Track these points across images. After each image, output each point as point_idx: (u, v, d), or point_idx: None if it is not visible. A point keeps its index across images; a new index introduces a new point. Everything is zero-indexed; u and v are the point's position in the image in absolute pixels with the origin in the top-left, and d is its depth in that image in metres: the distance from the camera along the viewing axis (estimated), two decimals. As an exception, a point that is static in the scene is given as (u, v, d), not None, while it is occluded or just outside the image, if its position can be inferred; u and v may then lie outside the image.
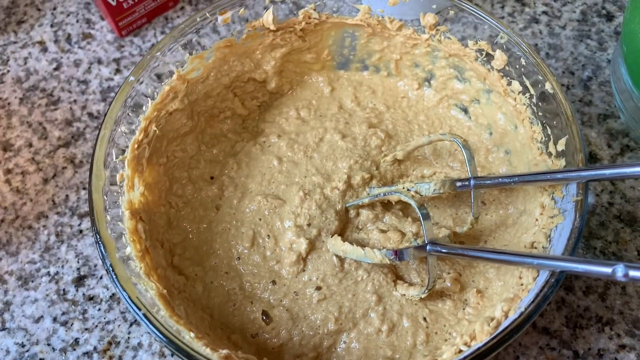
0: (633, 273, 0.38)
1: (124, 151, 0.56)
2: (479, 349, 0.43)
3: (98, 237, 0.48)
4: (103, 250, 0.48)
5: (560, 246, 0.47)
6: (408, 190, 0.58)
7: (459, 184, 0.55)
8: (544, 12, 0.82)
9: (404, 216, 0.61)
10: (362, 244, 0.57)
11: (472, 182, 0.55)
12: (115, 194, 0.53)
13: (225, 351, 0.46)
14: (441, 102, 0.67)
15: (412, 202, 0.55)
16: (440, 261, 0.59)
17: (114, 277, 0.46)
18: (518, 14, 0.82)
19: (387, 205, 0.62)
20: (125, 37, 0.83)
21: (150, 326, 0.45)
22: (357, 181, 0.61)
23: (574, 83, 0.76)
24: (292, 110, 0.68)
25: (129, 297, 0.45)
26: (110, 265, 0.47)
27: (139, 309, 0.45)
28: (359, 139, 0.65)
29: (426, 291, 0.54)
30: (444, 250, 0.52)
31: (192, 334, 0.47)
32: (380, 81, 0.69)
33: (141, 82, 0.58)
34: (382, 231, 0.58)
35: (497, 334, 0.44)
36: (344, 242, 0.56)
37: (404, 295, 0.56)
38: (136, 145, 0.56)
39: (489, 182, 0.54)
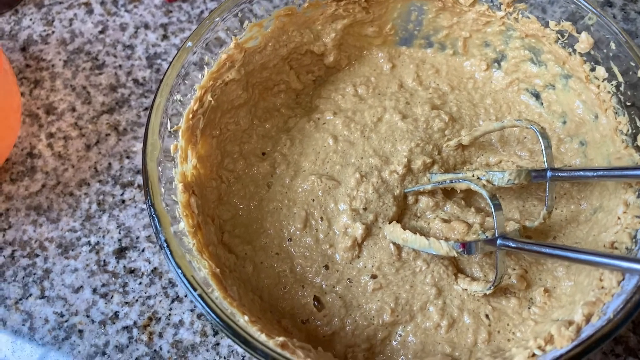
0: None
1: (177, 123, 0.53)
2: (560, 356, 0.40)
3: (153, 210, 0.45)
4: (158, 225, 0.45)
5: (651, 249, 0.43)
6: (478, 178, 0.54)
7: (534, 174, 0.51)
8: (619, -5, 0.76)
9: (466, 206, 0.57)
10: (422, 233, 0.54)
11: (548, 173, 0.51)
12: (168, 165, 0.50)
13: (281, 338, 0.43)
14: (511, 85, 0.63)
15: (484, 192, 0.51)
16: (506, 256, 0.55)
17: (169, 253, 0.44)
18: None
19: (448, 194, 0.59)
20: (174, 2, 0.80)
21: (206, 308, 0.42)
22: (418, 166, 0.58)
23: (649, 73, 0.71)
24: (349, 86, 0.65)
25: (184, 276, 0.43)
26: (165, 241, 0.44)
27: (194, 289, 0.43)
28: (421, 120, 0.61)
29: (492, 288, 0.51)
30: (515, 246, 0.48)
31: (246, 318, 0.44)
32: (445, 60, 0.65)
33: (196, 51, 0.54)
34: (445, 221, 0.55)
35: (581, 340, 0.40)
36: (404, 229, 0.53)
37: (466, 290, 0.53)
38: (191, 115, 0.53)
39: (567, 174, 0.50)
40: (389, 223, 0.56)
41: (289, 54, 0.62)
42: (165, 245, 0.44)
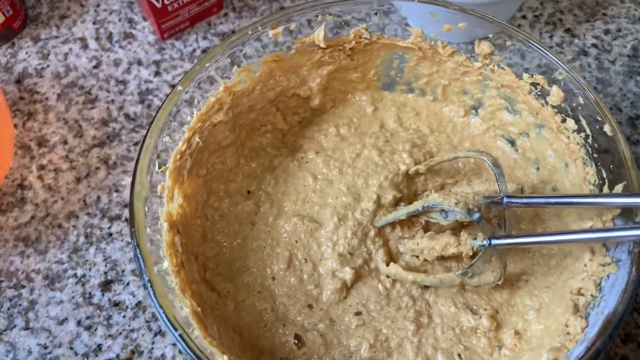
0: None
1: (165, 161, 0.55)
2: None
3: (138, 250, 0.47)
4: (142, 265, 0.47)
5: (613, 298, 0.45)
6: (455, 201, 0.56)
7: (489, 200, 0.54)
8: (594, 45, 0.80)
9: (434, 229, 0.60)
10: (416, 268, 0.57)
11: (504, 200, 0.54)
12: (154, 205, 0.52)
13: (258, 378, 0.45)
14: (487, 131, 0.65)
15: (460, 210, 0.53)
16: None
17: (152, 293, 0.45)
18: (567, 45, 0.80)
19: (406, 221, 0.61)
20: (167, 39, 0.82)
21: (186, 348, 0.44)
22: (389, 200, 0.60)
23: (622, 120, 0.74)
24: (332, 127, 0.67)
25: (166, 316, 0.44)
26: (149, 281, 0.46)
27: (175, 329, 0.44)
28: (397, 154, 0.63)
29: (502, 278, 0.54)
30: (509, 241, 0.52)
31: (225, 358, 0.46)
32: (425, 104, 0.68)
33: (187, 92, 0.57)
34: (432, 238, 0.57)
35: (544, 385, 0.42)
36: (408, 270, 0.56)
37: (478, 286, 0.56)
38: (179, 156, 0.55)
39: (522, 201, 0.53)
40: (386, 265, 0.57)
41: (276, 97, 0.64)
42: (149, 285, 0.46)
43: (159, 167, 0.54)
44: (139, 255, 0.47)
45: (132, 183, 0.51)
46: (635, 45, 0.79)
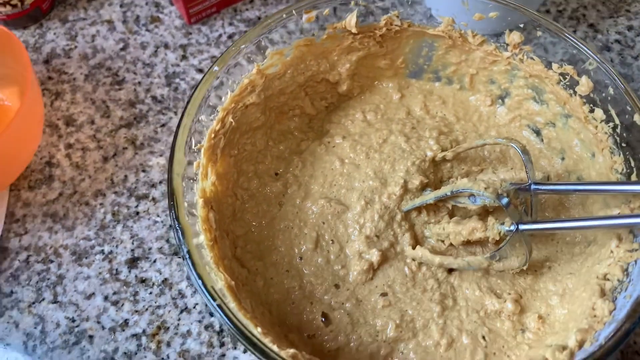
0: None
1: (198, 140, 0.56)
2: (554, 378, 0.43)
3: (177, 222, 0.48)
4: (181, 237, 0.48)
5: (641, 284, 0.46)
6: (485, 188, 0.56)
7: (517, 186, 0.55)
8: (617, 41, 0.81)
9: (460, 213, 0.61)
10: (441, 252, 0.58)
11: (532, 186, 0.55)
12: (190, 181, 0.53)
13: (292, 350, 0.46)
14: (513, 121, 0.66)
15: (489, 195, 0.54)
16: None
17: (191, 264, 0.46)
18: (590, 40, 0.81)
19: (432, 206, 0.62)
20: (193, 24, 0.83)
21: (225, 318, 0.45)
22: (416, 185, 0.60)
23: (643, 116, 0.74)
24: (359, 112, 0.68)
25: (205, 286, 0.45)
26: (188, 252, 0.47)
27: (214, 299, 0.45)
28: (423, 141, 0.64)
29: (526, 263, 0.55)
30: (536, 227, 0.53)
31: (259, 329, 0.47)
32: (452, 93, 0.69)
33: (223, 72, 0.58)
34: (458, 223, 0.58)
35: (574, 364, 0.43)
36: (434, 254, 0.57)
37: (502, 271, 0.56)
38: (213, 135, 0.56)
39: (549, 187, 0.54)
40: (412, 248, 0.58)
41: (306, 81, 0.65)
42: (187, 256, 0.47)
43: (195, 145, 0.55)
44: (178, 228, 0.48)
45: (171, 160, 0.52)
46: (658, 42, 0.80)
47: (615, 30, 0.81)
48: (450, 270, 0.59)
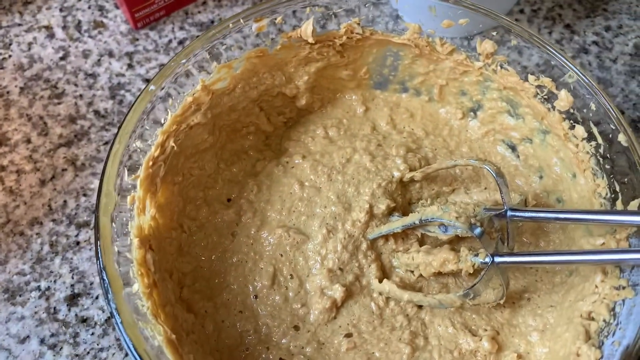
0: None
1: (136, 167, 0.50)
2: None
3: (104, 273, 0.42)
4: (109, 290, 0.41)
5: (632, 328, 0.41)
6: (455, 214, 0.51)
7: (492, 213, 0.50)
8: (594, 42, 0.76)
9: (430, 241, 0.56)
10: (414, 287, 0.53)
11: (508, 213, 0.50)
12: (123, 218, 0.47)
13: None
14: (487, 135, 0.61)
15: (460, 226, 0.49)
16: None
17: (120, 323, 0.40)
18: (567, 42, 0.76)
19: (400, 233, 0.56)
20: (141, 29, 0.76)
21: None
22: (382, 210, 0.55)
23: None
24: (320, 128, 0.63)
25: (135, 348, 0.39)
26: (116, 309, 0.41)
27: (146, 365, 0.39)
28: (390, 160, 0.59)
29: (504, 296, 0.50)
30: (526, 215, 0.49)
31: (203, 393, 0.41)
32: (420, 105, 0.64)
33: (162, 90, 0.51)
34: (428, 252, 0.53)
35: None
36: (403, 288, 0.52)
37: (477, 305, 0.52)
38: (151, 163, 0.50)
39: (527, 214, 0.49)
40: (379, 281, 0.53)
41: (260, 96, 0.59)
42: (116, 314, 0.40)
43: (129, 175, 0.48)
44: (105, 279, 0.41)
45: (99, 195, 0.45)
46: (638, 43, 0.76)
47: (593, 31, 0.77)
48: (420, 305, 0.54)
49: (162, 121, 0.52)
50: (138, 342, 0.40)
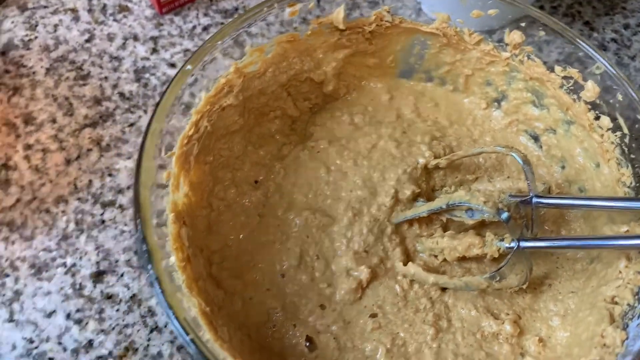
0: None
1: (170, 147, 0.51)
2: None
3: (145, 244, 0.43)
4: (149, 261, 0.42)
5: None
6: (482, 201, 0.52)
7: (518, 199, 0.51)
8: (613, 40, 0.77)
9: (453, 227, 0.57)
10: (437, 270, 0.54)
11: (533, 200, 0.51)
12: (159, 194, 0.48)
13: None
14: (510, 125, 0.62)
15: (488, 210, 0.50)
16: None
17: (161, 292, 0.41)
18: (585, 38, 0.77)
19: (425, 218, 0.57)
20: (165, 15, 0.77)
21: (198, 354, 0.40)
22: (407, 196, 0.56)
23: (641, 119, 0.71)
24: (346, 115, 0.63)
25: (177, 318, 0.40)
26: (157, 278, 0.41)
27: (187, 333, 0.40)
28: (415, 147, 0.60)
29: (527, 281, 0.51)
30: (540, 244, 0.50)
31: (237, 362, 0.42)
32: (444, 95, 0.65)
33: (197, 70, 0.52)
34: (453, 237, 0.54)
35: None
36: (428, 271, 0.53)
37: (499, 290, 0.53)
38: (186, 141, 0.51)
39: (552, 201, 0.50)
40: (403, 265, 0.54)
41: (288, 81, 0.60)
42: (157, 283, 0.41)
43: (165, 153, 0.49)
44: (146, 250, 0.42)
45: (137, 170, 0.46)
46: (655, 42, 0.77)
47: (612, 29, 0.78)
48: (444, 288, 0.55)
49: (196, 101, 0.53)
50: (179, 310, 0.41)
